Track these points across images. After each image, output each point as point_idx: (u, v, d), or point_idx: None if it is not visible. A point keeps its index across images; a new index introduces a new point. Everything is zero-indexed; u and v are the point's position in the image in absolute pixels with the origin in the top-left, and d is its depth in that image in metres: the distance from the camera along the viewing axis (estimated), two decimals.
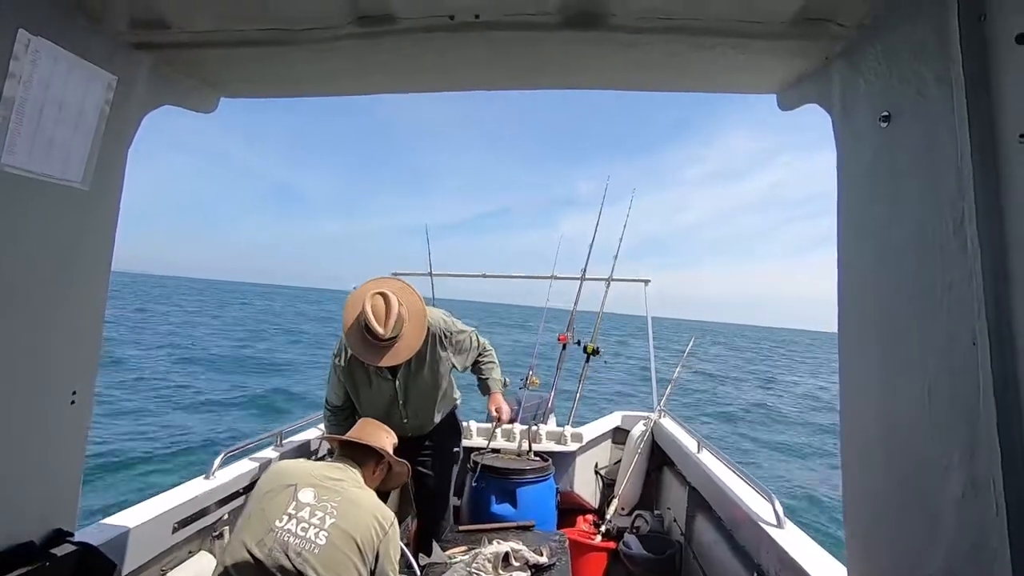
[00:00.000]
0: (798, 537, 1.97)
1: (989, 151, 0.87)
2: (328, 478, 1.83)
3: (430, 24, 1.29)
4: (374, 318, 2.27)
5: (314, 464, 1.91)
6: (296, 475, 1.81)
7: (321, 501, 1.73)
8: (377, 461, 2.02)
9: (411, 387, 2.64)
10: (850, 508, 1.28)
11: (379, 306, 2.30)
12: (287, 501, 1.73)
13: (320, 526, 1.68)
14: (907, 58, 1.05)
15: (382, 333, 2.26)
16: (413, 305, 2.41)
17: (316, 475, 1.82)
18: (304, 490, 1.75)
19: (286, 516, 1.70)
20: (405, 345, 2.36)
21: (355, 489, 1.84)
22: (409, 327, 2.37)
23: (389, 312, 2.28)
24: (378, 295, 2.33)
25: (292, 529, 1.67)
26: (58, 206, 1.31)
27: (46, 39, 1.19)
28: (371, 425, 2.13)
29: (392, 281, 2.52)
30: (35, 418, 1.33)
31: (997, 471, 0.82)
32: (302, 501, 1.73)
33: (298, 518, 1.69)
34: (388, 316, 2.28)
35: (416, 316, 2.40)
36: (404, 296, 2.41)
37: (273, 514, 1.70)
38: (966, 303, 0.89)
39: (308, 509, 1.71)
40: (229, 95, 1.74)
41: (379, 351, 2.32)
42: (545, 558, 2.22)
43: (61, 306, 1.37)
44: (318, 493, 1.75)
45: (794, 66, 1.39)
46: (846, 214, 1.28)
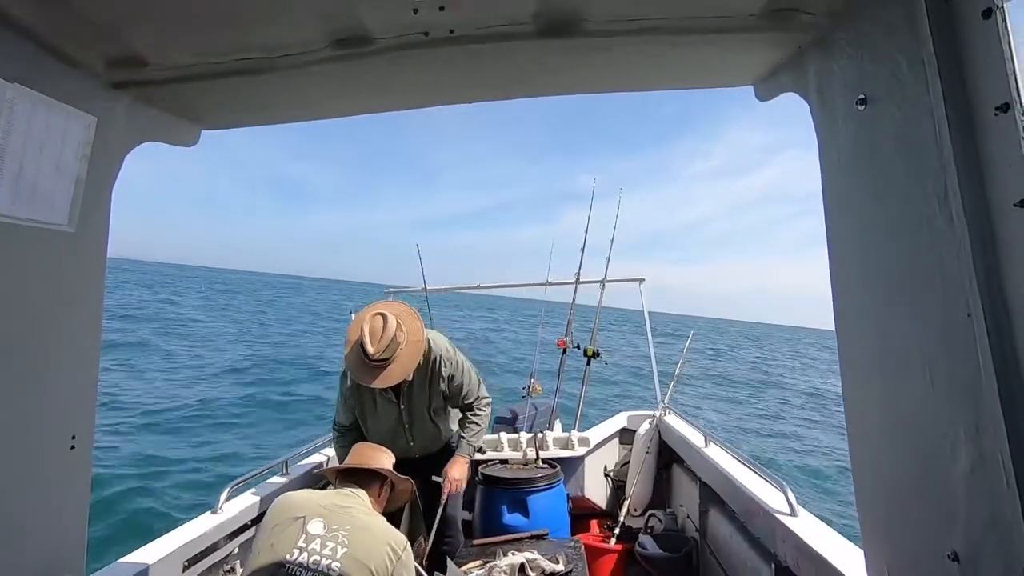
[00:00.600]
0: (813, 524, 1.97)
1: (966, 125, 0.88)
2: (337, 506, 1.81)
3: (405, 42, 1.30)
4: (368, 337, 2.29)
5: (321, 493, 1.89)
6: (304, 506, 1.79)
7: (331, 531, 1.71)
8: (381, 482, 2.01)
9: (415, 410, 2.64)
10: (861, 492, 1.28)
11: (376, 327, 2.32)
12: (297, 534, 1.70)
13: (332, 557, 1.66)
14: (879, 41, 1.06)
15: (372, 352, 2.28)
16: (413, 331, 2.42)
17: (324, 504, 1.80)
18: (313, 521, 1.73)
19: (296, 550, 1.67)
20: (399, 367, 2.36)
21: (365, 516, 1.82)
22: (405, 351, 2.37)
23: (384, 333, 2.30)
24: (378, 316, 2.35)
25: (304, 562, 1.64)
26: (46, 250, 1.31)
27: (23, 85, 1.18)
28: (367, 448, 2.12)
29: (396, 305, 2.54)
30: (35, 465, 1.32)
31: (1004, 443, 0.83)
32: (312, 533, 1.70)
33: (309, 550, 1.67)
34: (382, 336, 2.29)
35: (413, 341, 2.41)
36: (405, 320, 2.42)
37: (283, 548, 1.68)
38: (957, 276, 0.89)
39: (319, 540, 1.68)
40: (209, 127, 1.74)
41: (372, 371, 2.33)
42: (561, 566, 2.21)
43: (55, 351, 1.35)
44: (328, 523, 1.73)
45: (768, 57, 1.41)
46: (832, 198, 1.29)
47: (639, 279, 4.57)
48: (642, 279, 4.55)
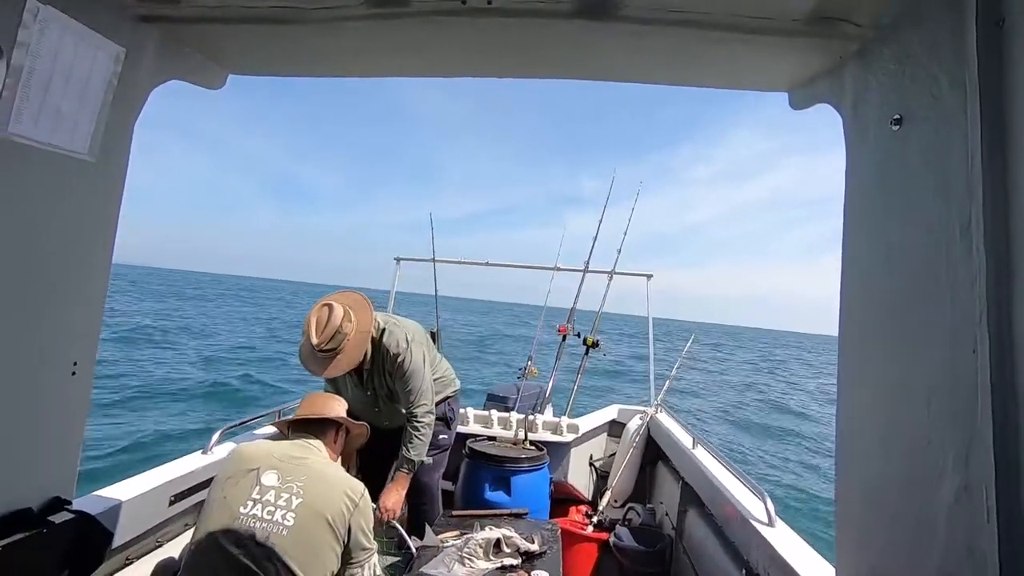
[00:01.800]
0: (789, 536, 1.98)
1: (999, 156, 0.86)
2: (291, 457, 1.79)
3: (442, 8, 1.28)
4: (313, 328, 2.32)
5: (275, 444, 1.88)
6: (258, 458, 1.77)
7: (286, 482, 1.70)
8: (336, 429, 2.01)
9: (381, 396, 2.68)
10: (843, 507, 1.29)
11: (321, 318, 2.34)
12: (251, 486, 1.69)
13: (287, 507, 1.65)
14: (922, 60, 1.04)
15: (316, 343, 2.31)
16: (362, 322, 2.43)
17: (278, 455, 1.79)
18: (267, 473, 1.72)
19: (250, 502, 1.66)
20: (345, 358, 2.37)
21: (320, 465, 1.81)
22: (351, 341, 2.38)
23: (329, 324, 2.32)
24: (324, 307, 2.37)
25: (258, 514, 1.64)
26: (63, 176, 1.32)
27: (55, 8, 1.18)
28: (318, 397, 2.10)
29: (350, 295, 2.55)
30: (36, 388, 1.34)
31: (990, 478, 0.82)
32: (266, 484, 1.69)
33: (263, 502, 1.66)
34: (326, 327, 2.32)
35: (361, 331, 2.42)
36: (356, 311, 2.43)
37: (237, 501, 1.67)
38: (968, 308, 0.88)
39: (273, 492, 1.68)
40: (237, 72, 1.73)
41: (320, 361, 2.36)
42: (536, 546, 2.24)
43: (65, 277, 1.37)
44: (282, 474, 1.72)
45: (806, 65, 1.38)
46: (853, 214, 1.27)
47: (647, 274, 4.55)
48: (650, 275, 4.53)
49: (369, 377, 2.65)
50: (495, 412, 3.92)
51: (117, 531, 1.83)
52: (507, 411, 4.01)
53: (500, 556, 2.14)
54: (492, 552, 2.13)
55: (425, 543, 2.27)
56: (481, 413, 3.93)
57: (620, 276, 4.68)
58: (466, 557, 2.08)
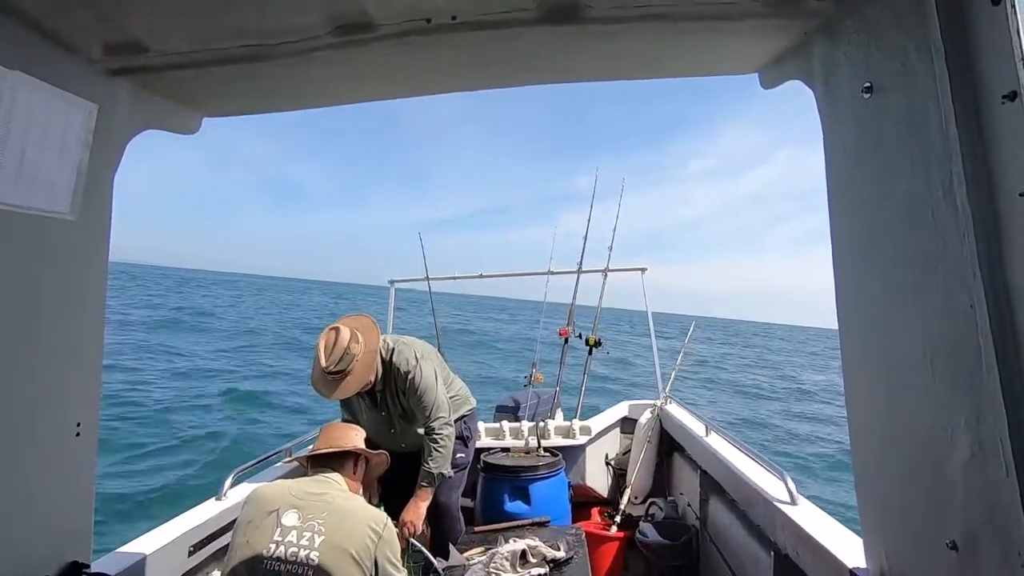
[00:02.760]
0: (812, 513, 1.98)
1: (973, 114, 0.87)
2: (310, 494, 1.77)
3: (407, 29, 1.28)
4: (322, 351, 2.36)
5: (293, 483, 1.86)
6: (276, 499, 1.76)
7: (307, 520, 1.69)
8: (355, 460, 2.00)
9: (395, 417, 2.69)
10: (861, 480, 1.29)
11: (329, 341, 2.38)
12: (272, 528, 1.68)
13: (310, 546, 1.63)
14: (886, 28, 1.05)
15: (324, 365, 2.34)
16: (369, 342, 2.46)
17: (296, 493, 1.77)
18: (288, 513, 1.70)
19: (273, 544, 1.65)
20: (354, 379, 2.40)
21: (340, 499, 1.79)
22: (360, 363, 2.40)
23: (336, 347, 2.35)
24: (332, 330, 2.41)
25: (282, 555, 1.62)
26: (48, 238, 1.31)
27: (23, 72, 1.18)
28: (334, 429, 2.09)
29: (358, 318, 2.57)
30: (41, 452, 1.33)
31: (1004, 432, 0.83)
32: (287, 525, 1.68)
33: (286, 543, 1.64)
34: (333, 350, 2.35)
35: (369, 351, 2.44)
36: (364, 333, 2.46)
37: (259, 544, 1.65)
38: (961, 266, 0.89)
39: (295, 532, 1.66)
40: (211, 114, 1.73)
41: (330, 384, 2.38)
42: (563, 552, 2.22)
43: (59, 338, 1.36)
44: (302, 513, 1.70)
45: (773, 44, 1.39)
46: (835, 188, 1.28)
47: (641, 268, 4.56)
48: (644, 268, 4.54)
49: (382, 398, 2.65)
50: (506, 423, 3.90)
51: None
52: (517, 420, 3.99)
53: (527, 567, 2.12)
54: (519, 564, 2.11)
55: (451, 563, 2.25)
56: (492, 426, 3.91)
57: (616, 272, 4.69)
58: (493, 572, 2.06)
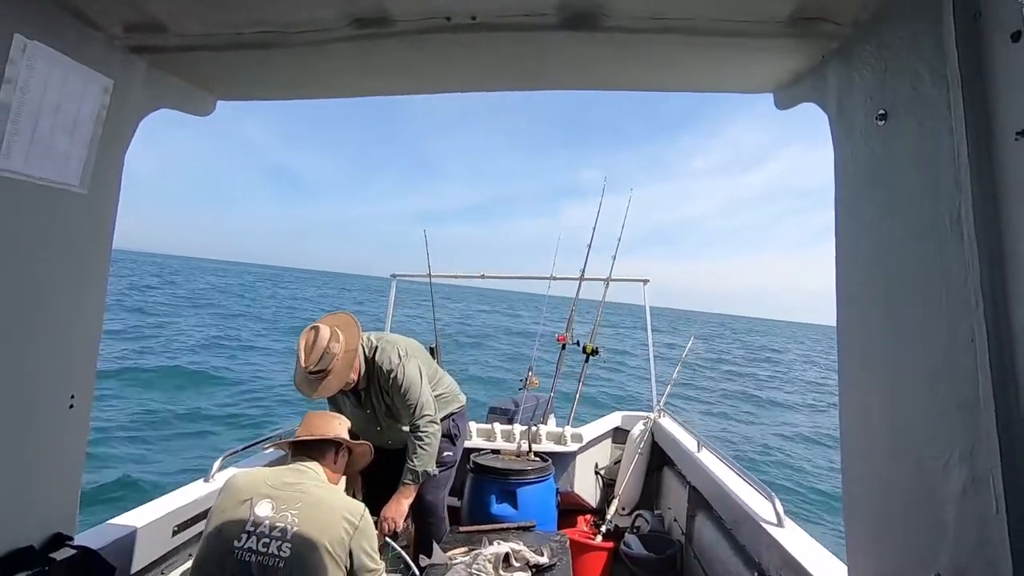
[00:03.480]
0: (799, 536, 1.97)
1: (985, 147, 0.87)
2: (285, 483, 1.75)
3: (426, 26, 1.29)
4: (302, 351, 2.36)
5: (269, 472, 1.84)
6: (250, 488, 1.74)
7: (280, 511, 1.67)
8: (336, 449, 1.97)
9: (380, 414, 2.69)
10: (850, 506, 1.28)
11: (308, 340, 2.38)
12: (244, 518, 1.66)
13: (282, 538, 1.62)
14: (903, 55, 1.05)
15: (304, 365, 2.34)
16: (349, 341, 2.46)
17: (272, 483, 1.75)
18: (261, 503, 1.68)
19: (244, 534, 1.63)
20: (335, 378, 2.40)
21: (316, 490, 1.77)
22: (340, 362, 2.40)
23: (315, 346, 2.35)
24: (312, 330, 2.41)
25: (253, 547, 1.61)
26: (55, 210, 1.31)
27: (42, 43, 1.18)
28: (316, 417, 2.06)
29: (338, 316, 2.58)
30: (34, 422, 1.33)
31: (996, 467, 0.82)
32: (259, 515, 1.66)
33: (258, 534, 1.63)
34: (313, 350, 2.35)
35: (348, 350, 2.44)
36: (344, 331, 2.46)
37: (231, 534, 1.64)
38: (964, 299, 0.89)
39: (268, 522, 1.64)
40: (225, 97, 1.74)
41: (311, 383, 2.38)
42: (546, 558, 2.22)
43: (59, 310, 1.36)
44: (276, 503, 1.68)
45: (790, 65, 1.40)
46: (844, 211, 1.28)
47: (644, 280, 4.56)
48: (647, 280, 4.54)
49: (367, 396, 2.65)
50: (498, 425, 3.90)
51: (120, 565, 1.80)
52: (510, 423, 3.99)
53: (509, 571, 2.12)
54: (502, 567, 2.11)
55: (433, 561, 2.25)
56: (484, 427, 3.91)
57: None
58: (475, 573, 2.06)
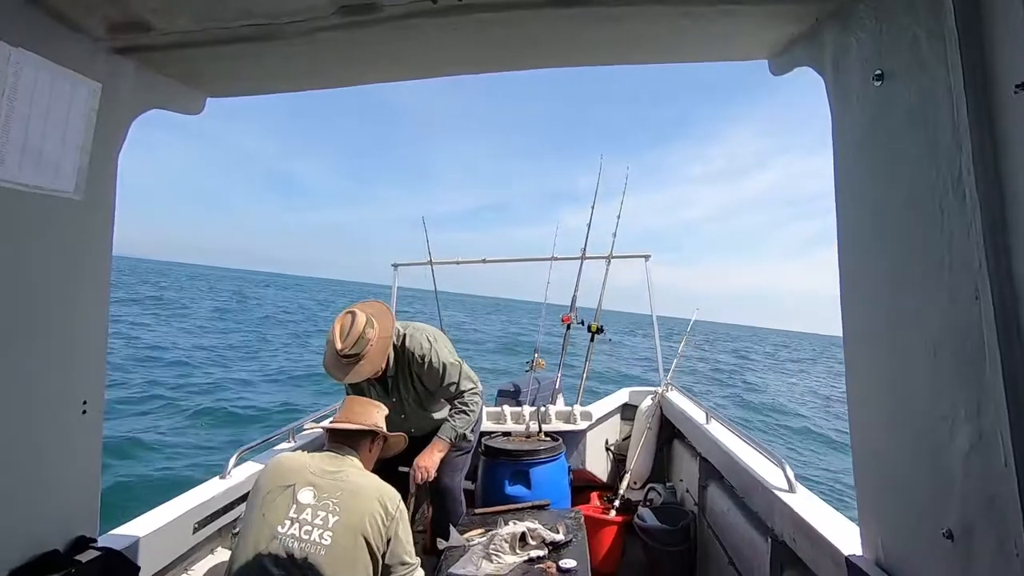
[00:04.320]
0: (810, 500, 1.99)
1: (984, 104, 0.86)
2: (326, 472, 1.79)
3: (413, 10, 1.27)
4: (337, 334, 2.38)
5: (310, 457, 1.87)
6: (294, 474, 1.78)
7: (322, 499, 1.71)
8: (372, 439, 2.01)
9: (406, 403, 2.72)
10: (860, 468, 1.29)
11: (345, 324, 2.40)
12: (288, 504, 1.70)
13: (324, 526, 1.66)
14: (898, 15, 1.03)
15: (340, 348, 2.37)
16: (384, 328, 2.50)
17: (314, 470, 1.79)
18: (303, 490, 1.72)
19: (288, 521, 1.67)
20: (368, 363, 2.43)
21: (355, 478, 1.81)
22: (374, 348, 2.44)
23: (352, 330, 2.37)
24: (348, 314, 2.44)
25: (296, 534, 1.65)
26: (52, 217, 1.31)
27: (26, 50, 1.17)
28: (356, 404, 2.10)
29: (373, 304, 2.61)
30: (49, 430, 1.35)
31: (1004, 423, 0.83)
32: (302, 503, 1.70)
33: (300, 521, 1.67)
34: (350, 333, 2.37)
35: (383, 337, 2.48)
36: (378, 318, 2.49)
37: (275, 519, 1.68)
38: (967, 258, 0.89)
39: (310, 510, 1.68)
40: (215, 94, 1.72)
41: (343, 367, 2.41)
42: (561, 535, 2.25)
43: (64, 317, 1.37)
44: (318, 491, 1.72)
45: (784, 30, 1.37)
46: (843, 175, 1.27)
47: (645, 255, 4.54)
48: (648, 255, 4.52)
49: (394, 385, 2.69)
50: (507, 407, 3.93)
51: (144, 564, 1.83)
52: (519, 405, 4.02)
53: (527, 549, 2.15)
54: (518, 546, 2.14)
55: (451, 544, 2.28)
56: (493, 409, 3.94)
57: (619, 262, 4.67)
58: (493, 553, 2.09)
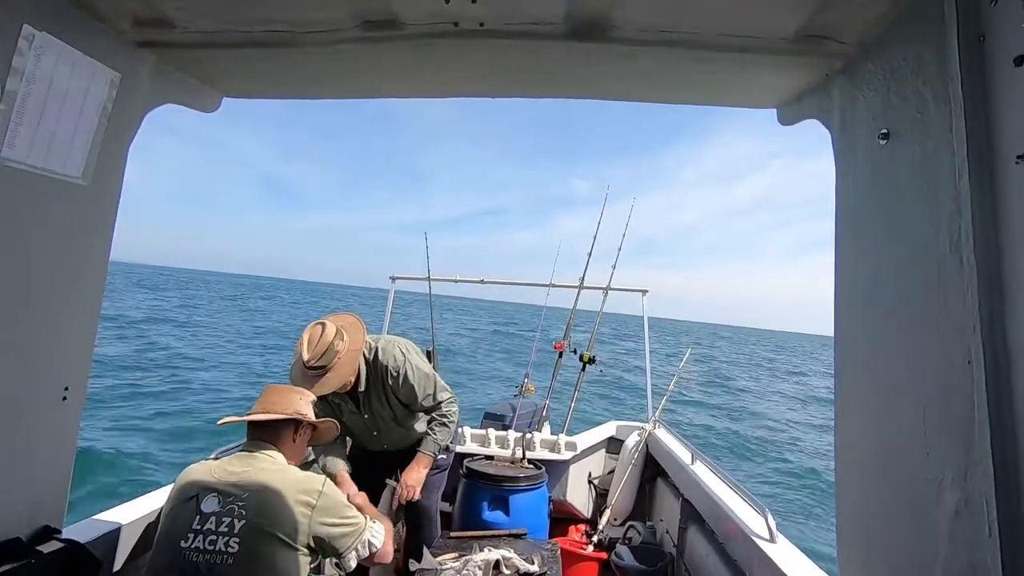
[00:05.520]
0: (790, 552, 1.96)
1: (987, 171, 0.88)
2: (231, 473, 1.67)
3: (434, 31, 1.30)
4: (305, 344, 2.33)
5: (215, 462, 1.74)
6: (197, 483, 1.66)
7: (227, 504, 1.59)
8: (295, 428, 1.87)
9: (379, 419, 2.66)
10: (844, 524, 1.28)
11: (314, 335, 2.35)
12: (191, 516, 1.60)
13: (230, 533, 1.55)
14: (907, 76, 1.05)
15: (307, 359, 2.31)
16: (354, 341, 2.45)
17: (218, 474, 1.67)
18: (207, 499, 1.61)
19: (191, 534, 1.57)
20: (336, 375, 2.36)
21: (263, 476, 1.67)
22: (342, 360, 2.38)
23: (321, 341, 2.33)
24: (317, 325, 2.39)
25: (200, 546, 1.54)
26: (57, 200, 1.31)
27: (50, 35, 1.19)
28: (273, 392, 1.94)
29: (344, 316, 2.56)
30: (25, 414, 1.32)
31: (990, 491, 0.82)
32: (206, 512, 1.59)
33: (204, 532, 1.56)
34: (318, 344, 2.32)
35: (353, 350, 2.42)
36: (349, 330, 2.44)
37: (178, 534, 1.58)
38: (962, 321, 0.89)
39: (214, 519, 1.58)
40: (231, 95, 1.74)
41: (310, 379, 2.35)
42: (536, 567, 2.21)
43: (57, 301, 1.36)
44: (222, 496, 1.61)
45: (794, 82, 1.40)
46: (844, 230, 1.28)
47: (643, 291, 4.55)
48: (646, 291, 4.53)
49: (366, 401, 2.62)
50: (492, 431, 3.89)
51: (107, 559, 1.79)
52: (504, 429, 3.98)
53: None
54: (492, 574, 2.10)
55: (423, 566, 2.23)
56: (478, 432, 3.90)
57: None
58: None
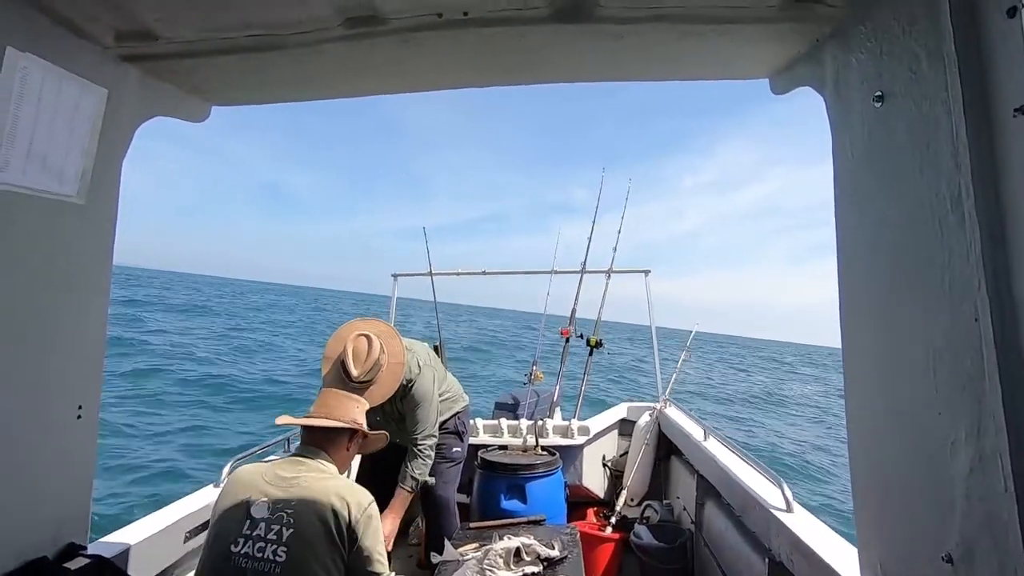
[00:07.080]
0: (808, 521, 1.97)
1: (984, 125, 0.87)
2: (281, 479, 1.67)
3: (418, 23, 1.28)
4: (352, 358, 2.25)
5: (267, 466, 1.73)
6: (248, 487, 1.66)
7: (276, 511, 1.60)
8: (350, 437, 1.86)
9: (391, 419, 2.64)
10: (858, 489, 1.28)
11: (360, 348, 2.27)
12: (241, 520, 1.60)
13: (278, 541, 1.56)
14: (898, 35, 1.04)
15: (356, 375, 2.24)
16: (394, 353, 2.37)
17: (269, 479, 1.67)
18: (257, 504, 1.61)
19: (241, 539, 1.57)
20: (379, 389, 2.31)
21: (314, 483, 1.67)
22: (385, 374, 2.32)
23: (369, 355, 2.25)
24: (362, 336, 2.30)
25: (249, 552, 1.55)
26: (54, 220, 1.32)
27: (35, 55, 1.18)
28: (332, 397, 1.92)
29: (378, 324, 2.49)
30: (43, 435, 1.34)
31: (1004, 446, 0.82)
32: (256, 518, 1.59)
33: (254, 538, 1.56)
34: (367, 359, 2.25)
35: (394, 363, 2.36)
36: (387, 342, 2.37)
37: (228, 539, 1.58)
38: (966, 278, 0.89)
39: (263, 525, 1.58)
40: (220, 103, 1.73)
41: (351, 391, 2.26)
42: (557, 551, 2.22)
43: (63, 321, 1.37)
44: (272, 503, 1.61)
45: (785, 49, 1.39)
46: (843, 195, 1.27)
47: (645, 271, 4.54)
48: (648, 270, 4.53)
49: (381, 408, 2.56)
50: (504, 420, 3.90)
51: (135, 572, 1.81)
52: (516, 418, 4.00)
53: (521, 565, 2.12)
54: (513, 561, 2.12)
55: (445, 558, 2.25)
56: (490, 422, 3.92)
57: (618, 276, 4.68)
58: (487, 568, 2.07)
